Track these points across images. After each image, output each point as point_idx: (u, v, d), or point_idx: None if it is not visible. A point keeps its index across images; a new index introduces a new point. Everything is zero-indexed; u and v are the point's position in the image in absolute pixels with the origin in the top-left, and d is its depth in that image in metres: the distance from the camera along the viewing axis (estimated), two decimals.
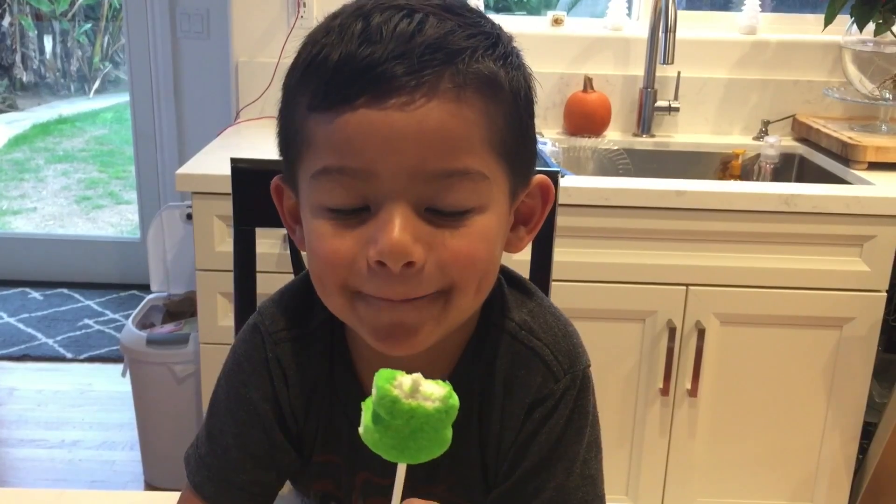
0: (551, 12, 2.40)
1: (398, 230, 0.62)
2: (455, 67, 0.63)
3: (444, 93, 0.62)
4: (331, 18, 0.66)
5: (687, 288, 1.87)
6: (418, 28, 0.62)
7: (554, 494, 0.76)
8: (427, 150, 0.62)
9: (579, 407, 0.77)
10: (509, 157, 0.67)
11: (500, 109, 0.66)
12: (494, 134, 0.65)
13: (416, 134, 0.61)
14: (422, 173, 0.62)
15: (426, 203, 0.64)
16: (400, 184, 0.62)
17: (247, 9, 2.31)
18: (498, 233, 0.69)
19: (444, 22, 0.64)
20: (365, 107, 0.62)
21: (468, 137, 0.64)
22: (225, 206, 1.80)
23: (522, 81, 0.68)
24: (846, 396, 1.94)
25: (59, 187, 5.11)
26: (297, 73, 0.66)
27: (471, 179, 0.64)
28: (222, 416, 0.80)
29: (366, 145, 0.62)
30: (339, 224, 0.65)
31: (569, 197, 1.78)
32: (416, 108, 0.61)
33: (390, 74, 0.61)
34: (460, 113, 0.63)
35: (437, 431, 0.59)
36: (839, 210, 1.82)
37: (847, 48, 2.18)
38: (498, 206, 0.68)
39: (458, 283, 0.66)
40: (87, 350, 3.10)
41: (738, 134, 2.37)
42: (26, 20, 5.82)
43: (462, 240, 0.65)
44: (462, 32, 0.64)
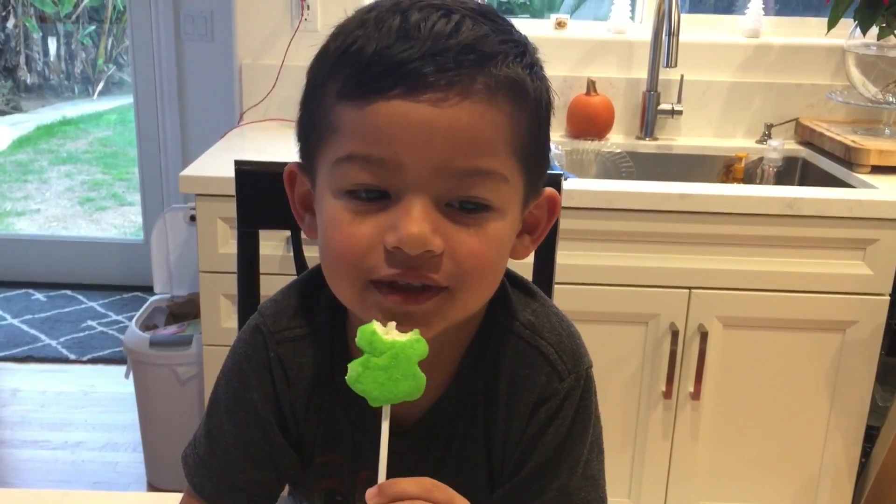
0: (554, 15, 2.40)
1: (419, 220, 0.63)
2: (488, 70, 0.64)
3: (477, 93, 0.64)
4: (364, 12, 0.67)
5: (690, 291, 1.87)
6: (455, 28, 0.64)
7: (557, 494, 0.76)
8: (455, 147, 0.63)
9: (583, 407, 0.77)
10: (527, 163, 0.69)
11: (525, 116, 0.68)
12: (517, 139, 0.67)
13: (447, 130, 0.63)
14: (447, 169, 0.64)
15: (447, 198, 0.65)
16: (424, 177, 0.64)
17: (250, 11, 2.32)
18: (510, 237, 0.71)
19: (479, 25, 0.65)
20: (398, 98, 0.62)
21: (494, 139, 0.65)
22: (228, 208, 1.80)
23: (544, 92, 0.71)
24: (849, 400, 1.94)
25: (62, 189, 5.11)
26: (329, 60, 0.67)
27: (493, 180, 0.66)
28: (222, 416, 0.80)
29: (395, 136, 0.63)
30: (358, 210, 0.66)
31: (572, 200, 1.78)
32: (449, 106, 0.63)
33: (425, 71, 0.62)
34: (490, 115, 0.64)
35: (411, 363, 0.64)
36: (842, 214, 1.82)
37: (850, 52, 2.18)
38: (512, 211, 0.69)
39: (467, 279, 0.67)
40: (90, 351, 3.11)
41: (741, 137, 2.37)
42: (30, 22, 5.84)
43: (477, 238, 0.66)
44: (495, 37, 0.65)
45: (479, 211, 0.66)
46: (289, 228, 1.22)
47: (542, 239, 0.76)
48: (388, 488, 0.62)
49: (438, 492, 0.64)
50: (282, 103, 2.30)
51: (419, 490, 0.63)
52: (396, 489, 0.62)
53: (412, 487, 0.63)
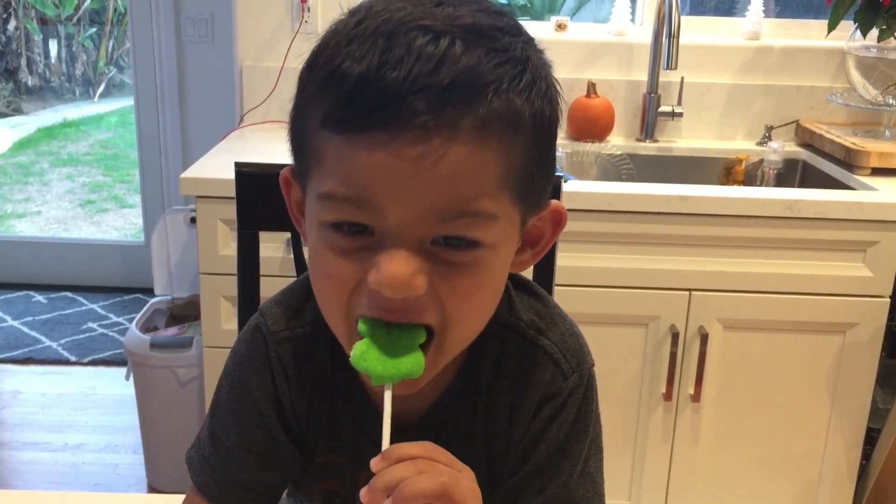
0: (555, 17, 2.40)
1: (400, 264, 0.61)
2: (477, 107, 0.59)
3: (464, 133, 0.59)
4: (354, 23, 0.62)
5: (690, 293, 1.87)
6: (442, 59, 0.58)
7: (558, 491, 0.77)
8: (439, 193, 0.60)
9: (585, 406, 0.78)
10: (523, 190, 0.65)
11: (520, 145, 0.63)
12: (511, 172, 0.63)
13: (430, 178, 0.59)
14: (430, 214, 0.61)
15: (432, 237, 0.62)
16: (407, 222, 0.61)
17: (251, 13, 2.32)
18: (503, 269, 0.68)
19: (472, 49, 0.59)
20: (379, 144, 0.58)
21: (483, 181, 0.61)
22: (229, 210, 1.80)
23: (548, 107, 0.64)
24: (849, 402, 1.94)
25: (63, 191, 5.12)
26: (315, 81, 0.62)
27: (481, 221, 0.62)
28: (224, 416, 0.80)
29: (375, 181, 0.60)
30: (343, 247, 0.64)
31: (572, 202, 1.78)
32: (433, 151, 0.58)
33: (409, 109, 0.57)
34: (478, 155, 0.60)
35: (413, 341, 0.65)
36: (842, 216, 1.82)
37: (850, 54, 2.19)
38: (506, 242, 0.66)
39: (452, 321, 0.65)
40: (90, 353, 3.11)
41: (742, 139, 2.37)
42: (31, 24, 5.84)
43: (464, 278, 0.64)
44: (489, 62, 0.60)
45: (466, 248, 0.63)
46: (289, 230, 1.22)
47: (545, 251, 0.73)
48: (391, 451, 0.62)
49: (439, 452, 0.64)
50: (282, 105, 2.30)
51: (421, 450, 0.63)
52: (399, 451, 0.62)
53: (414, 449, 0.63)
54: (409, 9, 0.61)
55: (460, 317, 0.66)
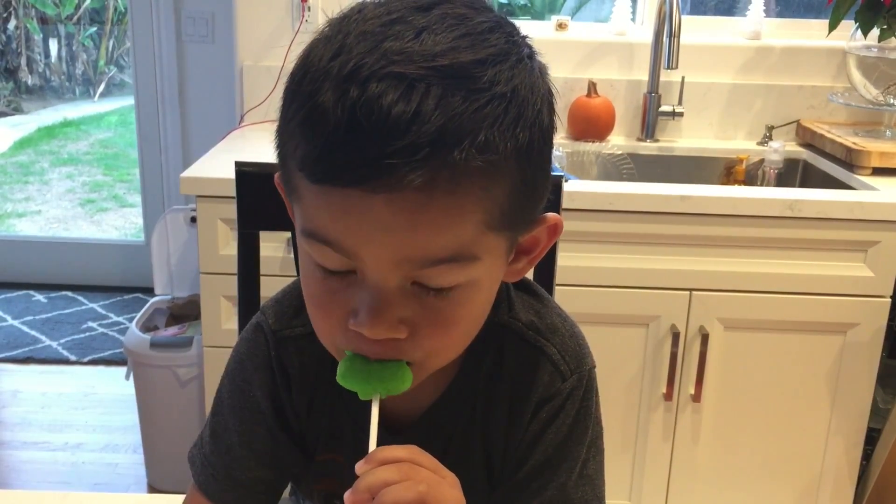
0: (555, 17, 2.40)
1: (380, 312, 0.62)
2: (454, 161, 0.56)
3: (440, 189, 0.57)
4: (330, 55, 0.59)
5: (690, 293, 1.87)
6: (415, 115, 0.55)
7: (555, 493, 0.77)
8: (415, 243, 0.59)
9: (584, 407, 0.77)
10: (509, 224, 0.64)
11: (502, 187, 0.61)
12: (494, 214, 0.61)
13: (406, 230, 0.58)
14: (408, 261, 0.60)
15: (412, 279, 0.62)
16: (385, 269, 0.61)
17: (252, 13, 2.32)
18: (487, 297, 0.68)
19: (449, 97, 0.56)
20: (353, 197, 0.58)
21: (462, 229, 0.60)
22: (229, 210, 1.80)
23: (537, 134, 0.62)
24: (850, 402, 1.94)
25: (63, 190, 5.11)
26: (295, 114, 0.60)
27: (461, 263, 0.61)
28: (226, 414, 0.81)
29: (351, 231, 0.60)
30: (327, 284, 0.64)
31: (572, 202, 1.78)
32: (408, 210, 0.57)
33: (382, 169, 0.56)
34: (456, 207, 0.59)
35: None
36: (843, 215, 1.81)
37: (851, 53, 2.18)
38: (490, 274, 0.65)
39: (433, 352, 0.67)
40: (90, 353, 3.10)
41: (742, 139, 2.37)
42: (31, 24, 5.84)
43: (446, 316, 0.64)
44: (468, 108, 0.57)
45: (448, 290, 0.63)
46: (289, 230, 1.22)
47: (541, 257, 0.73)
48: (376, 454, 0.63)
49: (424, 457, 0.64)
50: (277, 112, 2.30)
51: (406, 454, 0.63)
52: (384, 454, 0.62)
53: (399, 452, 0.63)
54: (387, 43, 0.57)
55: (441, 348, 0.67)
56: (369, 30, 0.59)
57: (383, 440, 0.74)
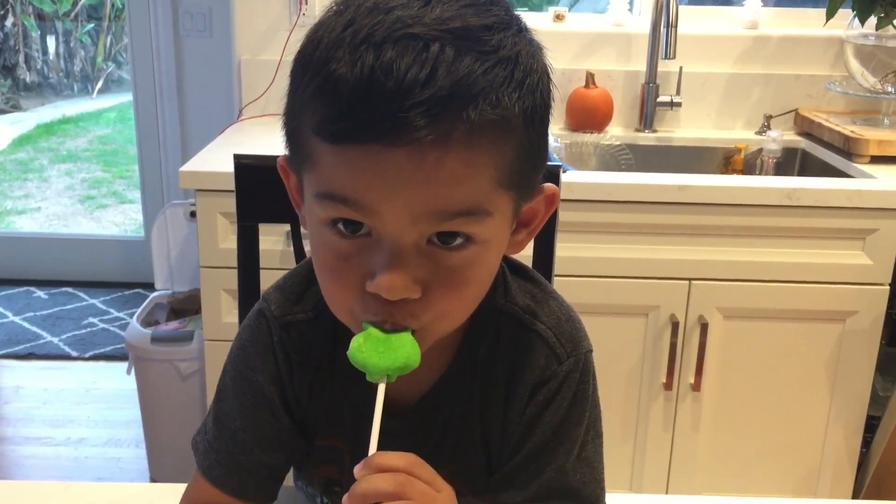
0: (553, 8, 2.40)
1: (396, 271, 0.63)
2: (469, 115, 0.60)
3: (457, 142, 0.60)
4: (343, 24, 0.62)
5: (690, 282, 1.87)
6: (432, 71, 0.59)
7: (553, 475, 0.77)
8: (434, 196, 0.62)
9: (581, 390, 0.78)
10: (516, 184, 0.67)
11: (511, 144, 0.64)
12: (504, 171, 0.64)
13: (425, 182, 0.61)
14: (426, 215, 0.62)
15: (427, 236, 0.64)
16: (402, 224, 0.63)
17: (249, 7, 2.32)
18: (495, 261, 0.70)
19: (461, 57, 0.60)
20: (373, 152, 0.60)
21: (477, 183, 0.63)
22: (228, 203, 1.80)
23: (539, 99, 0.66)
24: (849, 390, 1.94)
25: (62, 187, 5.12)
26: (308, 85, 0.63)
27: (475, 218, 0.64)
28: (229, 400, 0.82)
29: (370, 185, 0.61)
30: (342, 248, 0.65)
31: (571, 192, 1.78)
32: (427, 158, 0.60)
33: (402, 124, 0.59)
34: (471, 161, 0.62)
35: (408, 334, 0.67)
36: (842, 204, 1.82)
37: (849, 42, 2.18)
38: (499, 235, 0.68)
39: (443, 315, 0.68)
40: (91, 348, 3.11)
41: (741, 129, 2.37)
42: (29, 20, 5.83)
43: (457, 278, 0.66)
44: (479, 68, 0.60)
45: (461, 247, 0.65)
46: (288, 222, 1.22)
47: (538, 230, 0.75)
48: (374, 459, 0.63)
49: (422, 469, 0.65)
50: (281, 99, 2.28)
51: (404, 464, 0.64)
52: (382, 460, 0.63)
53: (396, 460, 0.64)
54: (398, 12, 0.60)
55: (450, 311, 0.68)
56: (378, 2, 0.62)
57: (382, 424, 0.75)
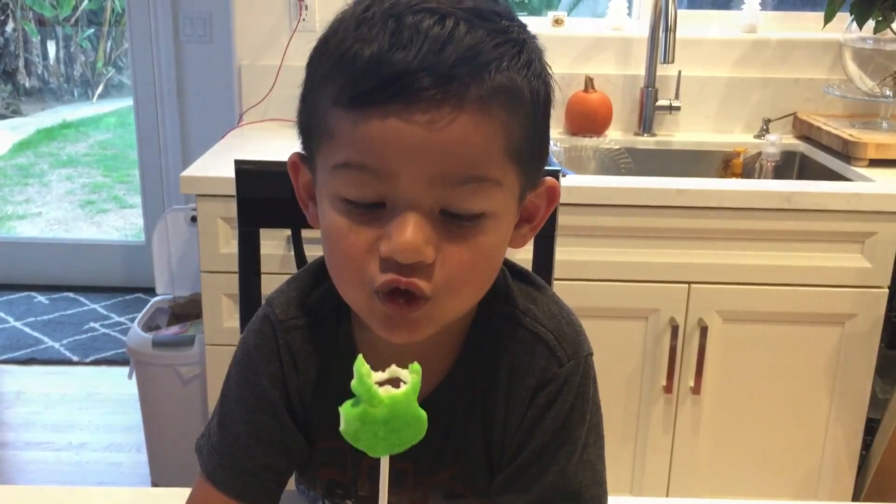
0: (552, 13, 2.41)
1: (411, 232, 0.64)
2: (481, 80, 0.64)
3: (470, 104, 0.64)
4: (363, 8, 0.66)
5: (689, 286, 1.88)
6: (448, 38, 0.63)
7: (555, 478, 0.77)
8: (448, 159, 0.64)
9: (582, 393, 0.78)
10: (523, 161, 0.69)
11: (520, 119, 0.67)
12: (513, 143, 0.67)
13: (440, 145, 0.63)
14: (440, 180, 0.65)
15: (441, 206, 0.66)
16: (418, 188, 0.65)
17: (249, 12, 2.33)
18: (505, 238, 0.72)
19: (475, 30, 0.64)
20: (392, 113, 0.63)
21: (488, 148, 0.66)
22: (229, 208, 1.81)
23: (543, 87, 0.70)
24: (849, 393, 1.95)
25: (63, 192, 5.13)
26: (326, 61, 0.67)
27: (487, 187, 0.66)
28: (233, 404, 0.82)
29: (388, 149, 0.64)
30: (355, 218, 0.67)
31: (571, 196, 1.79)
32: (443, 121, 0.63)
33: (419, 85, 0.62)
34: (484, 125, 0.65)
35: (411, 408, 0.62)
36: (840, 207, 1.82)
37: (847, 46, 2.19)
38: (508, 212, 0.70)
39: (454, 288, 0.68)
40: (93, 353, 3.12)
41: (740, 132, 2.38)
42: (29, 26, 5.85)
43: (468, 250, 0.67)
44: (490, 42, 0.65)
45: (472, 218, 0.67)
46: (289, 227, 1.23)
47: (541, 226, 0.77)
48: None
49: None
50: (281, 103, 2.31)
51: None
52: None
53: None
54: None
55: (460, 283, 0.68)
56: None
57: None
